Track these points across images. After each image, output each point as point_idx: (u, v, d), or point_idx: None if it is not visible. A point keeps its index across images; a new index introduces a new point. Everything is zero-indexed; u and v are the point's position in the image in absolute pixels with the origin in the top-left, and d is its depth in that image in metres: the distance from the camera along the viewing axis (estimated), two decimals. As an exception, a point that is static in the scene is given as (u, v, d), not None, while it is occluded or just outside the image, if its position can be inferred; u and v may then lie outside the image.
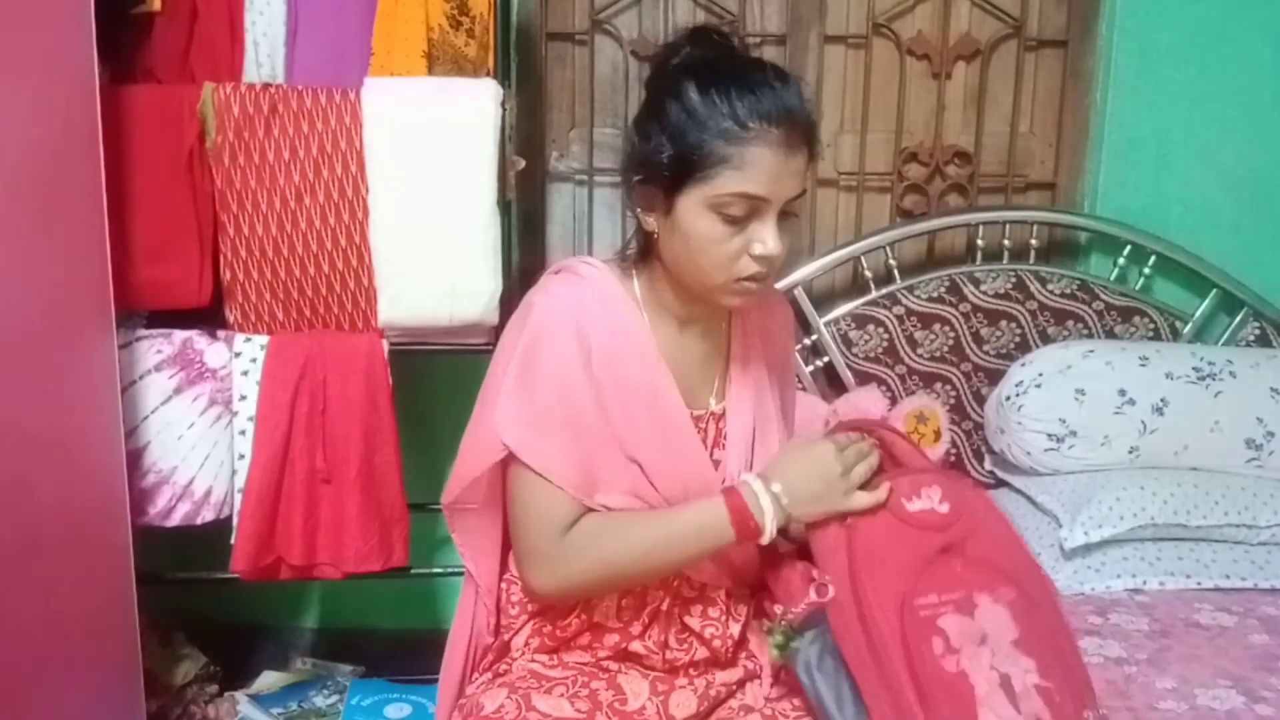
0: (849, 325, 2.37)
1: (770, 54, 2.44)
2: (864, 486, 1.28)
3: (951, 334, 2.37)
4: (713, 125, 1.24)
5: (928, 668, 1.17)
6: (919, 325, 2.37)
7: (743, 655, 1.44)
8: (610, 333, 1.33)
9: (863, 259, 2.39)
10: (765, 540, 1.28)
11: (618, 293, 1.37)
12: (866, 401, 2.28)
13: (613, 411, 1.32)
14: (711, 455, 1.39)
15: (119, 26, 1.89)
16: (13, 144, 1.57)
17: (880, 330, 2.36)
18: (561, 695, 1.34)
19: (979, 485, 1.57)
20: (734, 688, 1.41)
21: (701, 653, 1.40)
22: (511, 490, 1.33)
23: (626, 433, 1.32)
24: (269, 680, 2.31)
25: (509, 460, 1.32)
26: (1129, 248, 2.40)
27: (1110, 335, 2.37)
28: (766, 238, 1.26)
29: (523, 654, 1.41)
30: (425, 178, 1.92)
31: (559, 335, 1.30)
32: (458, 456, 1.38)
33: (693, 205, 1.26)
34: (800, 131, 1.26)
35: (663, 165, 1.27)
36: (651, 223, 1.32)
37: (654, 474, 1.33)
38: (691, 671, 1.40)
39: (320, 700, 2.26)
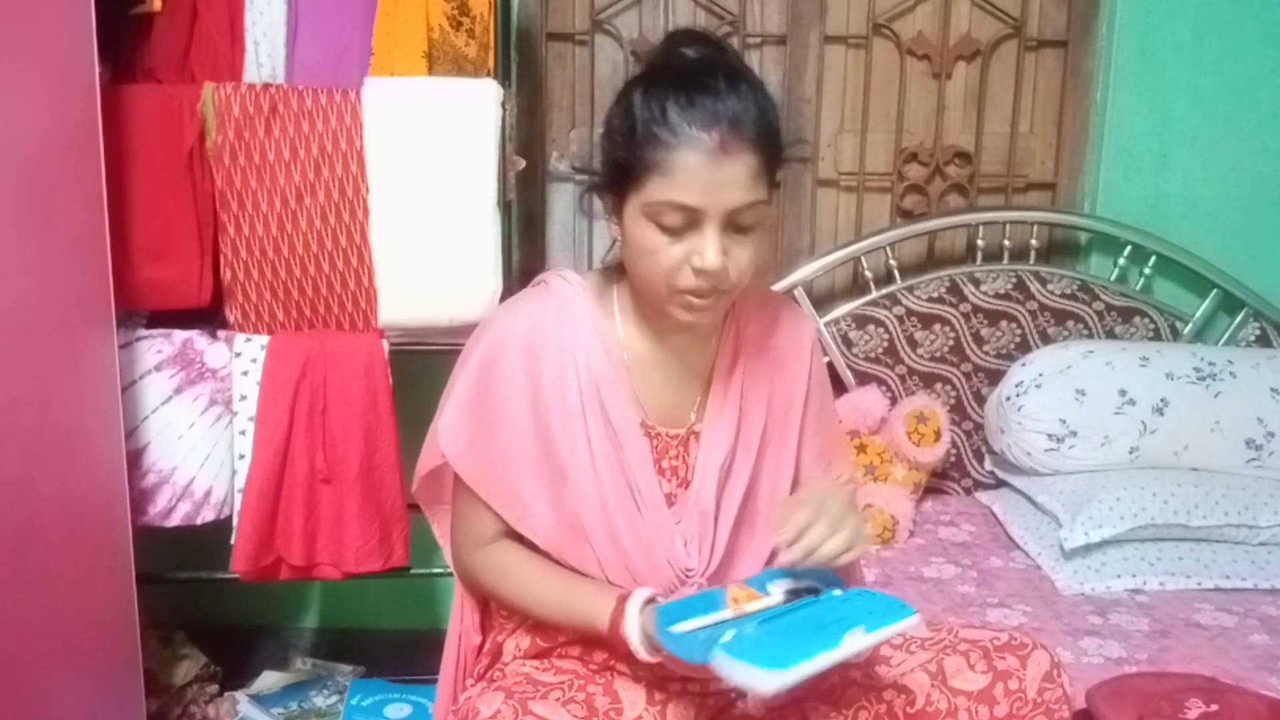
0: (849, 325, 2.37)
1: (770, 54, 2.44)
2: None
3: (951, 334, 2.37)
4: (645, 130, 1.22)
5: None
6: (919, 325, 2.37)
7: None
8: (561, 353, 1.33)
9: (863, 259, 2.39)
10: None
11: (588, 307, 1.36)
12: (867, 402, 2.28)
13: (556, 434, 1.33)
14: (684, 477, 1.38)
15: (119, 26, 1.89)
16: (13, 144, 1.56)
17: (880, 330, 2.36)
18: (557, 701, 1.31)
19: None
20: (733, 696, 1.39)
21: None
22: (453, 488, 1.40)
23: (568, 455, 1.33)
24: (269, 680, 2.31)
25: None
26: (1129, 248, 2.40)
27: (1110, 335, 2.37)
28: (705, 250, 1.21)
29: (514, 659, 1.41)
30: (425, 178, 1.92)
31: (510, 358, 1.32)
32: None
33: (632, 213, 1.25)
34: (744, 137, 1.20)
35: (604, 171, 1.29)
36: (615, 230, 1.31)
37: (586, 496, 1.33)
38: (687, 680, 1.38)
39: (320, 700, 2.26)
